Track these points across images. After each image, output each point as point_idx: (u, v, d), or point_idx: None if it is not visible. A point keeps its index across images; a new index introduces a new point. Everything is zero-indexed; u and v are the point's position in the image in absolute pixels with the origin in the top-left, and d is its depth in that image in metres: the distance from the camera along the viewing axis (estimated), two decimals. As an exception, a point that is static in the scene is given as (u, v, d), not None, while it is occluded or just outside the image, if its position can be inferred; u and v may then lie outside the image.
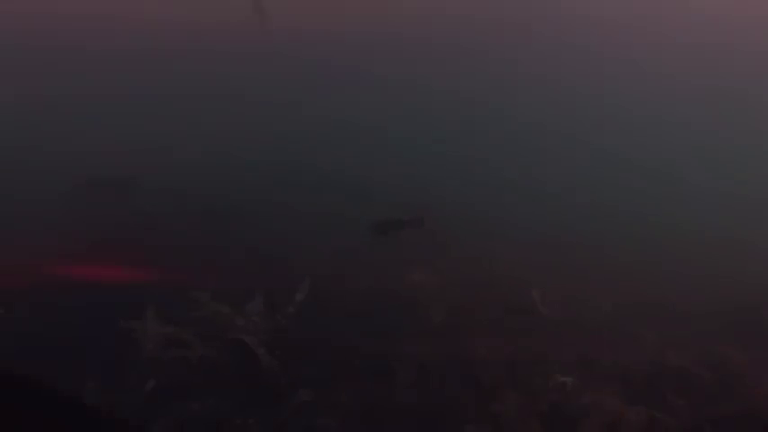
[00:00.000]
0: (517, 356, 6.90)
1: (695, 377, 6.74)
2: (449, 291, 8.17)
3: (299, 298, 7.07)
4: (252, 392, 6.13)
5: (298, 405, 5.99)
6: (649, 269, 9.26)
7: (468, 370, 6.65)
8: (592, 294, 8.44)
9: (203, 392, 6.06)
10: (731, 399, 6.39)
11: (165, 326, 6.60)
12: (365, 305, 7.68)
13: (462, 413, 6.00)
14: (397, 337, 7.07)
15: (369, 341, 6.94)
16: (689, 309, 8.25)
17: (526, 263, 9.03)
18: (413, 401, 6.15)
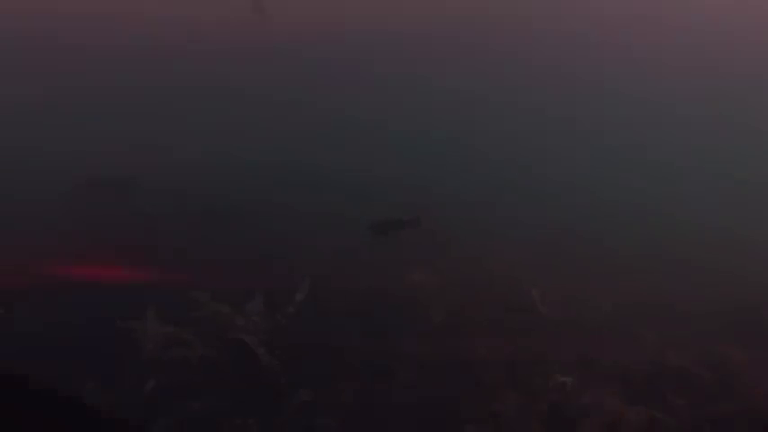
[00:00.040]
0: (517, 356, 6.90)
1: (695, 377, 6.74)
2: (449, 291, 8.17)
3: (299, 298, 7.08)
4: (252, 392, 6.13)
5: (298, 405, 5.99)
6: (649, 269, 9.26)
7: (468, 370, 6.65)
8: (592, 294, 8.44)
9: (203, 392, 6.06)
10: (731, 399, 6.39)
11: (165, 326, 6.60)
12: (365, 305, 7.68)
13: (462, 413, 6.00)
14: (397, 337, 7.07)
15: (369, 341, 6.94)
16: (689, 309, 8.25)
17: (526, 263, 9.03)
18: (413, 401, 6.15)
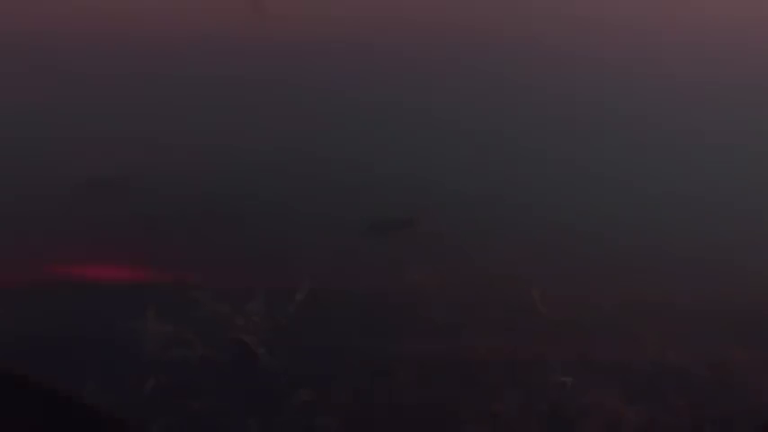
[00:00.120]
0: (517, 356, 6.90)
1: (695, 377, 6.74)
2: (449, 291, 8.17)
3: (299, 298, 7.08)
4: (252, 392, 6.13)
5: (298, 405, 5.99)
6: (649, 269, 9.25)
7: (468, 370, 6.65)
8: (592, 294, 8.43)
9: (203, 392, 6.06)
10: (731, 399, 6.39)
11: (165, 326, 6.61)
12: (365, 305, 7.68)
13: (462, 413, 6.00)
14: (397, 337, 7.07)
15: (369, 341, 6.94)
16: (689, 309, 8.24)
17: (526, 263, 9.03)
18: (413, 401, 6.15)
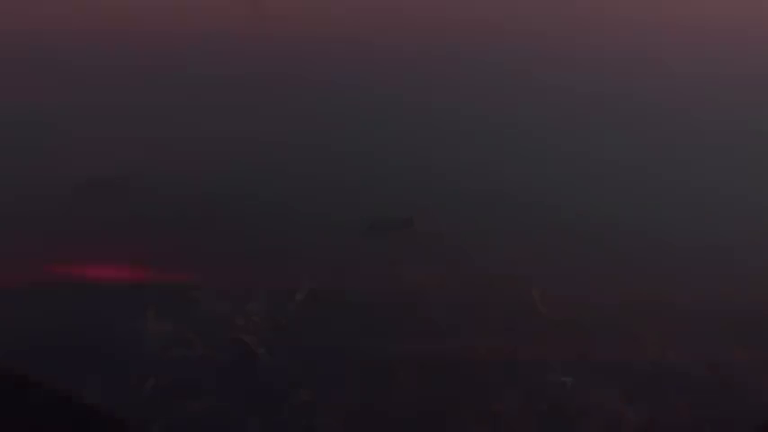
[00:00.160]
0: (517, 356, 6.91)
1: (695, 377, 6.74)
2: (449, 291, 8.17)
3: (299, 298, 7.09)
4: (252, 392, 6.13)
5: (298, 405, 5.99)
6: (649, 269, 9.25)
7: (468, 370, 6.65)
8: (592, 294, 8.43)
9: (203, 392, 6.06)
10: (731, 399, 6.39)
11: (165, 326, 6.61)
12: (365, 305, 7.69)
13: (462, 413, 6.00)
14: (397, 337, 7.08)
15: (369, 341, 6.94)
16: (689, 309, 8.25)
17: (526, 263, 9.03)
18: (413, 401, 6.15)
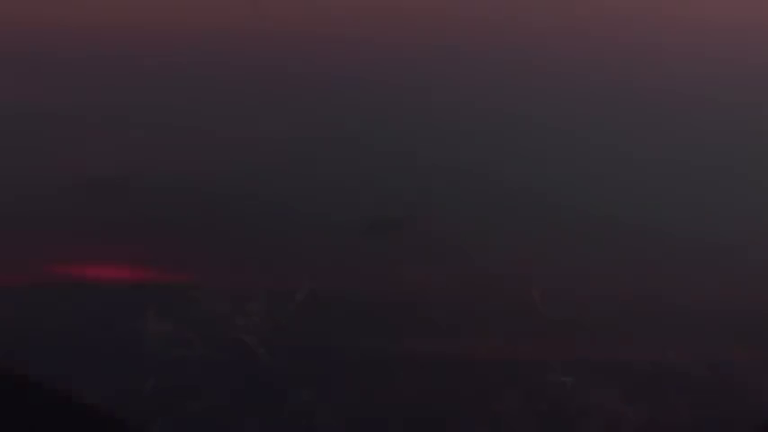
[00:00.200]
0: (517, 356, 6.90)
1: (695, 377, 6.73)
2: (448, 291, 8.16)
3: (299, 298, 7.08)
4: (252, 392, 6.12)
5: (298, 405, 5.98)
6: (650, 269, 9.23)
7: (469, 370, 6.64)
8: (592, 294, 8.42)
9: (203, 392, 6.05)
10: (731, 399, 6.38)
11: (165, 326, 6.60)
12: (365, 305, 7.67)
13: (462, 413, 5.99)
14: (398, 337, 7.07)
15: (369, 341, 6.93)
16: (689, 309, 8.23)
17: (526, 262, 9.02)
18: (413, 401, 6.14)
